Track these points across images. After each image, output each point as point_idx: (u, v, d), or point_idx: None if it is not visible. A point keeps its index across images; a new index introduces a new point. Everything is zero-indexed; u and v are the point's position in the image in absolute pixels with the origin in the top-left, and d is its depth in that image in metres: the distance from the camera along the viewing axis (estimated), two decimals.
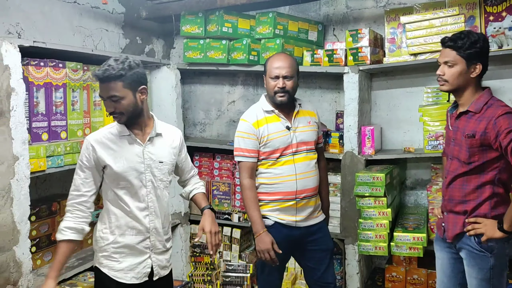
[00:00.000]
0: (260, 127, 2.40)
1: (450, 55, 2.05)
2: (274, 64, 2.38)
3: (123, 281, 1.98)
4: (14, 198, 2.10)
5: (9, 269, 2.09)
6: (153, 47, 3.76)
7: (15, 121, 2.11)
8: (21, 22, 2.64)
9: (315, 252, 2.49)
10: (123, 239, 1.98)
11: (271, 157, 2.40)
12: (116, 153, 1.95)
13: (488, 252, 2.04)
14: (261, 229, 2.36)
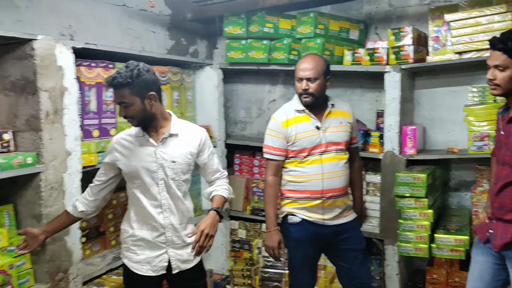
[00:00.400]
0: (288, 126, 2.43)
1: (501, 58, 1.94)
2: (299, 66, 2.42)
3: (139, 272, 2.08)
4: (66, 191, 2.25)
5: (61, 258, 2.24)
6: (197, 47, 3.86)
7: (68, 119, 2.25)
8: (73, 25, 2.80)
9: (346, 251, 2.50)
10: (140, 233, 2.08)
11: (298, 156, 2.43)
12: (131, 153, 2.06)
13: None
14: (272, 227, 2.43)
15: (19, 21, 2.47)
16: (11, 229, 2.15)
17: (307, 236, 2.43)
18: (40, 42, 2.11)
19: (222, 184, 2.23)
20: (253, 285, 3.53)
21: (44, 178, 2.13)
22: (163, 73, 2.99)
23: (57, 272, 2.21)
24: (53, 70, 2.17)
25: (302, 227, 2.44)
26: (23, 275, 2.13)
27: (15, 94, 2.16)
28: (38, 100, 2.10)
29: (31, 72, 2.10)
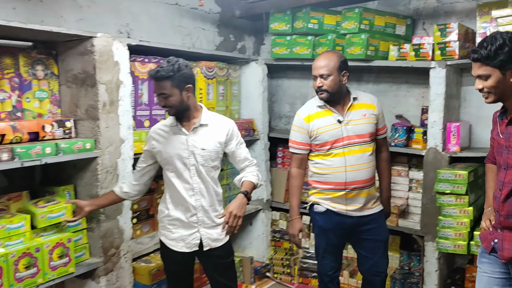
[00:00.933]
0: (310, 121, 2.53)
1: (481, 69, 1.89)
2: (313, 65, 2.51)
3: (175, 248, 2.28)
4: (120, 175, 2.46)
5: (113, 235, 2.46)
6: (244, 43, 4.00)
7: (123, 110, 2.46)
8: (130, 23, 3.02)
9: (369, 241, 2.57)
10: (174, 214, 2.27)
11: (321, 149, 2.52)
12: (165, 141, 2.25)
13: None
14: (295, 216, 2.59)
15: (81, 19, 2.72)
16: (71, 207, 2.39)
17: (331, 225, 2.54)
18: (99, 39, 2.32)
19: (251, 170, 2.36)
20: (292, 274, 3.64)
21: (101, 162, 2.35)
22: (210, 68, 3.15)
23: (110, 248, 2.44)
24: (110, 65, 2.38)
25: (326, 216, 2.54)
26: (79, 248, 2.37)
27: (76, 86, 2.39)
28: (97, 92, 2.32)
29: (91, 67, 2.32)
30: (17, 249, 2.02)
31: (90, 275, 2.41)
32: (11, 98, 2.24)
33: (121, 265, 2.50)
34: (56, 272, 2.17)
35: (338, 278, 2.72)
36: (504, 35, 1.85)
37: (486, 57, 1.85)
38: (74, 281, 2.46)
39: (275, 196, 3.80)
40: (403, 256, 3.32)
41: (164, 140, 2.26)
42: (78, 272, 2.29)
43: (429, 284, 3.09)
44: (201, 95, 3.10)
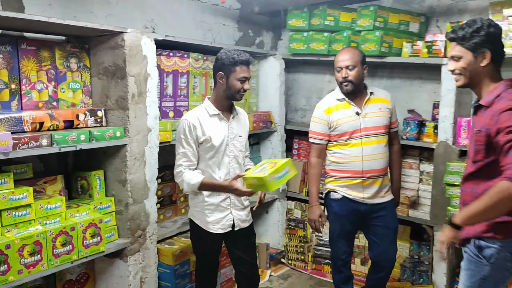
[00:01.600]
0: (330, 113, 2.69)
1: (455, 49, 1.92)
2: (337, 58, 2.66)
3: (211, 231, 2.44)
4: (147, 162, 2.62)
5: (140, 218, 2.63)
6: (262, 39, 4.14)
7: (150, 101, 2.62)
8: (155, 18, 3.18)
9: (379, 228, 2.72)
10: (209, 199, 2.42)
11: (340, 140, 2.67)
12: (210, 129, 2.38)
13: (485, 259, 1.86)
14: (314, 202, 2.76)
15: (110, 15, 2.88)
16: (101, 191, 2.57)
17: (346, 212, 2.71)
18: (129, 34, 2.48)
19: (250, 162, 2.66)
20: (305, 260, 3.79)
21: (129, 150, 2.51)
22: None
23: (137, 230, 2.61)
24: (139, 58, 2.54)
25: (342, 203, 2.71)
26: (108, 230, 2.54)
27: (107, 78, 2.55)
28: (126, 84, 2.48)
29: (121, 60, 2.48)
30: (54, 228, 2.20)
31: (118, 254, 2.59)
32: (48, 88, 2.41)
33: (147, 246, 2.67)
34: (88, 250, 2.35)
35: (350, 263, 2.88)
36: (485, 21, 1.88)
37: (461, 37, 1.89)
38: (103, 260, 2.64)
39: (290, 186, 3.94)
40: (413, 246, 3.45)
41: (208, 128, 2.38)
42: (108, 251, 2.46)
43: (438, 272, 3.22)
44: None
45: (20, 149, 2.01)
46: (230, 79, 2.36)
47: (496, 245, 1.84)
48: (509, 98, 1.79)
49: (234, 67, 2.34)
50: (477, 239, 1.89)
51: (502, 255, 1.85)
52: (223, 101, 2.44)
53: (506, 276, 1.91)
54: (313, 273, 3.72)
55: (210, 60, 3.17)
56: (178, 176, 2.37)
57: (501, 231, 1.83)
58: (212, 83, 3.21)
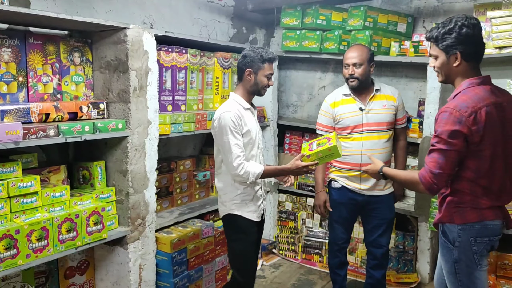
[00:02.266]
0: (336, 107, 2.84)
1: (432, 49, 2.03)
2: (346, 55, 2.80)
3: (252, 219, 2.52)
4: (147, 153, 2.73)
5: (140, 207, 2.73)
6: (256, 36, 4.26)
7: (150, 94, 2.72)
8: (153, 14, 3.27)
9: (374, 218, 2.89)
10: (247, 190, 2.49)
11: (343, 133, 2.82)
12: (248, 121, 2.45)
13: (451, 244, 1.98)
14: (320, 189, 2.94)
15: (111, 10, 2.97)
16: (102, 181, 2.66)
17: (344, 200, 2.87)
18: (132, 30, 2.57)
19: None
20: (296, 250, 3.93)
21: (130, 141, 2.61)
22: (226, 59, 3.40)
23: (137, 218, 2.71)
24: (141, 53, 2.63)
25: (341, 192, 2.87)
26: (109, 218, 2.64)
27: (109, 72, 2.64)
28: (128, 78, 2.58)
29: (123, 54, 2.57)
30: (60, 215, 2.28)
31: (118, 242, 2.69)
32: (52, 81, 2.50)
33: (146, 234, 2.77)
34: (92, 237, 2.44)
35: (346, 249, 3.06)
36: (459, 20, 1.93)
37: (435, 38, 1.98)
38: (103, 247, 2.74)
39: None
40: (399, 236, 3.61)
41: (248, 121, 2.46)
42: (110, 238, 2.56)
43: (422, 261, 3.39)
44: (217, 83, 3.36)
45: (29, 139, 2.10)
46: (258, 76, 2.46)
47: (455, 229, 1.97)
48: (457, 98, 1.92)
49: (262, 64, 2.45)
50: (441, 225, 2.05)
51: (464, 238, 1.95)
52: (249, 96, 2.53)
53: (478, 259, 1.96)
54: (303, 262, 3.87)
55: (206, 56, 3.27)
56: (240, 168, 2.35)
57: (457, 217, 1.96)
58: (208, 78, 3.33)
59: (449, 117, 1.86)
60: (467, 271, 1.97)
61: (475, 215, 1.94)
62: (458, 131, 1.85)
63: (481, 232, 1.94)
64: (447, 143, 1.86)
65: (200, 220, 3.23)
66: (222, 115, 2.38)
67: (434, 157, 1.89)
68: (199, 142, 3.79)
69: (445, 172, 1.88)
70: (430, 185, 1.90)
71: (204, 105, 3.31)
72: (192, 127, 3.07)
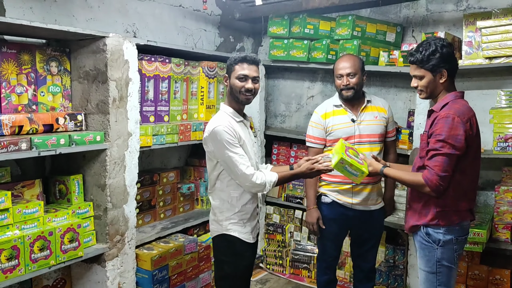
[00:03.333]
0: (327, 118, 2.74)
1: (416, 70, 2.18)
2: (338, 65, 2.71)
3: (249, 241, 2.32)
4: (127, 166, 2.62)
5: (119, 223, 2.62)
6: (243, 44, 4.18)
7: (131, 105, 2.62)
8: (136, 23, 3.18)
9: (364, 233, 2.80)
10: (245, 208, 2.31)
11: (334, 145, 2.70)
12: (243, 135, 2.28)
13: (435, 244, 2.15)
14: (312, 205, 2.79)
15: (92, 19, 2.88)
16: (79, 195, 2.56)
17: (335, 215, 2.76)
18: (111, 39, 2.48)
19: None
20: (284, 265, 3.83)
21: (109, 154, 2.51)
22: (211, 68, 3.32)
23: (116, 235, 2.60)
24: (121, 63, 2.54)
25: (332, 207, 2.76)
26: (87, 235, 2.53)
27: (88, 82, 2.55)
28: (107, 88, 2.48)
29: (102, 64, 2.48)
30: (32, 232, 2.17)
31: (96, 259, 2.57)
32: (27, 92, 2.39)
33: (126, 251, 2.66)
34: (66, 255, 2.33)
35: (336, 266, 2.96)
36: (437, 42, 2.14)
37: (420, 61, 2.15)
38: (81, 265, 2.62)
39: (270, 192, 3.96)
40: (389, 250, 3.52)
41: (241, 134, 2.27)
42: (87, 256, 2.45)
43: (412, 276, 3.29)
44: (202, 93, 3.27)
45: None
46: (231, 79, 2.29)
47: (441, 230, 2.15)
48: (450, 106, 2.10)
49: (233, 66, 2.29)
50: (425, 227, 2.19)
51: (448, 238, 2.14)
52: (237, 105, 2.33)
53: (455, 257, 2.18)
54: (291, 277, 3.76)
55: (191, 65, 3.19)
56: (255, 177, 2.19)
57: (443, 219, 2.14)
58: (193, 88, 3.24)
59: (452, 122, 2.03)
60: (448, 270, 2.16)
61: (456, 217, 2.15)
62: (463, 135, 2.03)
63: (460, 232, 2.18)
64: (453, 147, 2.03)
65: (183, 235, 3.12)
66: (214, 130, 2.19)
67: (439, 160, 2.05)
68: (184, 153, 3.69)
69: (449, 174, 2.06)
70: (437, 187, 2.05)
71: (188, 115, 3.22)
72: (175, 138, 2.98)
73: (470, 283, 3.08)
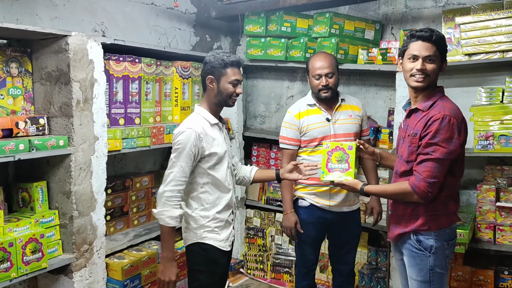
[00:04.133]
0: (301, 118, 2.64)
1: (431, 50, 1.95)
2: (315, 65, 2.60)
3: (224, 249, 2.23)
4: (93, 172, 2.49)
5: (86, 231, 2.49)
6: (220, 44, 4.07)
7: (97, 107, 2.49)
8: (105, 22, 3.06)
9: (342, 235, 2.72)
10: (220, 215, 2.21)
11: (309, 145, 2.63)
12: (215, 140, 2.18)
13: (427, 251, 2.01)
14: (289, 209, 2.68)
15: (56, 17, 2.74)
16: (43, 203, 2.42)
17: (313, 219, 2.67)
18: (74, 38, 2.35)
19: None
20: (265, 269, 3.73)
21: (74, 159, 2.38)
22: (185, 68, 3.21)
23: (83, 244, 2.47)
24: (85, 63, 2.41)
25: (309, 211, 2.67)
26: (52, 244, 2.39)
27: (50, 83, 2.41)
28: (71, 90, 2.35)
29: (65, 65, 2.35)
30: None
31: (62, 270, 2.44)
32: None
33: (94, 261, 2.53)
34: (29, 267, 2.19)
35: (315, 271, 2.86)
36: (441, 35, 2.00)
37: (438, 41, 1.95)
38: (47, 276, 2.48)
39: (249, 194, 3.88)
40: (371, 252, 3.45)
41: (213, 140, 2.17)
42: (51, 267, 2.31)
43: (395, 278, 3.21)
44: (176, 94, 3.16)
45: None
46: (221, 83, 2.18)
47: (432, 236, 2.01)
48: (442, 105, 1.95)
49: (224, 69, 2.17)
50: (415, 234, 2.04)
51: (440, 244, 2.01)
52: (215, 108, 2.24)
53: (447, 262, 2.08)
54: (272, 282, 3.66)
55: (164, 65, 3.07)
56: (168, 205, 2.08)
57: (434, 223, 2.01)
58: (166, 89, 3.12)
59: (449, 125, 1.89)
60: (440, 277, 2.04)
61: (446, 220, 2.03)
62: (458, 139, 1.91)
63: (450, 235, 2.06)
64: (446, 151, 1.89)
65: (157, 242, 3.00)
66: (182, 131, 2.10)
67: (429, 166, 1.91)
68: (159, 156, 3.56)
69: (439, 180, 1.93)
70: (425, 194, 1.93)
71: (162, 117, 3.10)
72: (147, 141, 2.86)
73: (454, 285, 3.01)
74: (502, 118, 2.78)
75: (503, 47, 2.72)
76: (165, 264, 2.14)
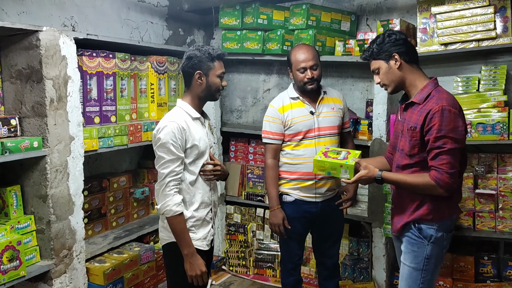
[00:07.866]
0: (285, 112, 2.60)
1: (372, 65, 2.14)
2: (299, 57, 2.55)
3: (201, 248, 2.16)
4: (70, 174, 2.39)
5: (65, 236, 2.39)
6: (194, 38, 3.98)
7: (71, 106, 2.38)
8: (75, 16, 2.92)
9: (325, 228, 2.71)
10: (197, 213, 2.14)
11: (294, 139, 2.59)
12: (197, 134, 2.12)
13: (426, 240, 2.03)
14: (276, 206, 2.63)
15: (24, 12, 2.59)
16: (18, 208, 2.30)
17: (298, 214, 2.64)
18: (45, 33, 2.23)
19: None
20: (247, 265, 3.69)
21: (49, 161, 2.27)
22: (160, 63, 3.11)
23: (62, 249, 2.36)
24: (57, 59, 2.29)
25: (294, 206, 2.63)
26: (29, 251, 2.27)
27: (21, 82, 2.28)
28: (43, 88, 2.23)
29: (36, 62, 2.22)
30: None
31: (42, 278, 2.33)
32: None
33: (74, 266, 2.43)
34: (6, 276, 2.08)
35: (301, 266, 2.84)
36: (386, 33, 2.11)
37: (370, 54, 2.12)
38: (25, 284, 2.36)
39: (229, 190, 3.82)
40: (352, 243, 3.47)
41: (195, 133, 2.12)
42: (30, 275, 2.20)
43: (378, 268, 3.26)
44: (152, 90, 3.06)
45: None
46: (210, 77, 2.13)
47: (434, 226, 2.04)
48: (439, 97, 1.97)
49: (212, 63, 2.12)
50: (417, 223, 2.07)
51: (440, 234, 2.04)
52: (199, 102, 2.19)
53: (443, 253, 2.12)
54: (255, 278, 3.63)
55: (138, 60, 2.97)
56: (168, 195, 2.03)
57: (435, 214, 2.03)
58: (141, 85, 3.02)
59: (449, 115, 1.91)
60: (434, 267, 2.07)
61: (448, 211, 2.06)
62: (462, 126, 1.94)
63: (450, 226, 2.09)
64: (455, 141, 1.92)
65: (139, 243, 2.92)
66: (165, 125, 2.04)
67: (445, 158, 1.92)
68: (135, 155, 3.46)
69: (457, 169, 1.96)
70: (450, 186, 1.94)
71: (138, 115, 3.00)
72: (124, 140, 2.76)
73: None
74: (479, 106, 2.83)
75: (479, 36, 2.77)
76: (189, 260, 2.08)
